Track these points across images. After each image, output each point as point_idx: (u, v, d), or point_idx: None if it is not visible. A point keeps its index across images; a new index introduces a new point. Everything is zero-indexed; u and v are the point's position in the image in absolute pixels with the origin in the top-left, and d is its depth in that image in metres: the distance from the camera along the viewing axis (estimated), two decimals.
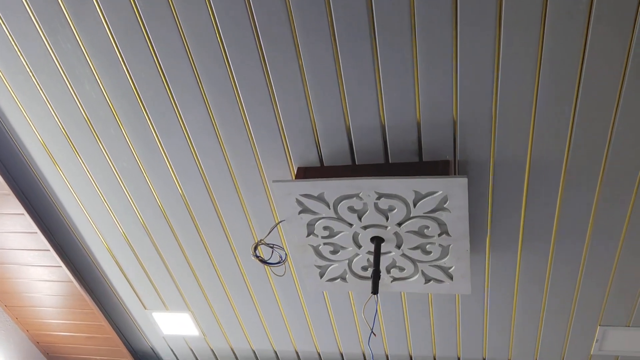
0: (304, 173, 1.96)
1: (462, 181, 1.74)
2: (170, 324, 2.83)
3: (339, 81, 1.73)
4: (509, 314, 2.40)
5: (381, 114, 1.79)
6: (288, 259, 2.33)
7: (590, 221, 1.99)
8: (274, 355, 2.92)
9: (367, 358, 2.80)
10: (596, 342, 2.44)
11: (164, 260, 2.48)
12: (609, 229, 2.00)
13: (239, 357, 2.98)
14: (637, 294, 2.21)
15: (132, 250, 2.47)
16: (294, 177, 2.01)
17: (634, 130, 1.72)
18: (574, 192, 1.91)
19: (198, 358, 3.05)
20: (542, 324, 2.42)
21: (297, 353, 2.88)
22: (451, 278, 2.06)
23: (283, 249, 2.17)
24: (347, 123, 1.84)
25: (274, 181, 1.84)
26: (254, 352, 2.93)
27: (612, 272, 2.14)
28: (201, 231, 2.32)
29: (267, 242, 1.97)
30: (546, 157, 1.82)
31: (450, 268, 2.03)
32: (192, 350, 3.01)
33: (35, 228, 2.40)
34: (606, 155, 1.79)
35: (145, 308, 2.78)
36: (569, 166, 1.84)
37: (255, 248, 1.89)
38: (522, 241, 2.10)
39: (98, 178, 2.20)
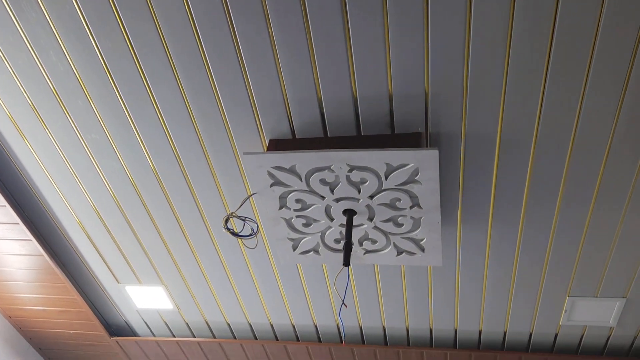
0: (276, 145, 1.94)
1: (433, 153, 1.75)
2: (144, 298, 2.82)
3: (310, 53, 1.71)
4: (480, 285, 2.43)
5: (353, 85, 1.78)
6: (261, 231, 2.33)
7: (560, 192, 2.01)
8: (248, 327, 2.93)
9: (339, 328, 2.83)
10: (565, 312, 2.49)
11: (135, 234, 2.46)
12: (578, 201, 2.03)
13: (214, 330, 2.99)
14: (606, 265, 2.26)
15: (103, 223, 2.44)
16: (265, 150, 1.99)
17: (603, 101, 1.73)
18: (544, 163, 1.92)
19: (173, 331, 3.05)
20: (512, 295, 2.46)
21: (271, 325, 2.89)
22: (423, 250, 2.08)
23: (255, 221, 2.16)
24: (319, 95, 1.82)
25: (244, 153, 1.82)
26: (229, 325, 2.94)
27: (581, 243, 2.18)
28: (173, 204, 2.30)
29: (239, 215, 1.96)
30: (517, 129, 1.83)
31: (421, 240, 2.05)
32: (166, 323, 3.01)
33: (4, 202, 2.36)
34: (576, 126, 1.81)
35: (118, 282, 2.77)
36: (539, 137, 1.85)
37: (227, 221, 1.88)
38: (492, 213, 2.12)
39: (67, 151, 2.16)
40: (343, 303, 1.85)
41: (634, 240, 2.14)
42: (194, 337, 3.04)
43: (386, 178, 1.84)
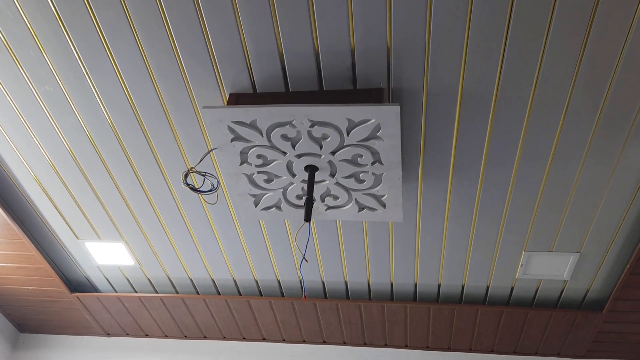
0: (236, 100, 1.91)
1: (395, 109, 1.74)
2: (104, 254, 2.79)
3: (271, 4, 1.66)
4: (440, 240, 2.48)
5: (315, 39, 1.75)
6: (222, 187, 2.31)
7: (518, 150, 2.04)
8: (211, 283, 2.94)
9: (301, 284, 2.86)
10: (521, 266, 2.56)
11: (94, 189, 2.41)
12: (535, 158, 2.06)
13: (176, 286, 2.99)
14: (561, 221, 2.31)
15: (60, 179, 2.38)
16: (225, 104, 1.95)
17: (561, 62, 1.74)
18: (503, 121, 1.94)
19: (135, 287, 3.04)
20: (471, 250, 2.51)
21: (234, 281, 2.90)
22: (384, 206, 2.10)
23: (215, 177, 2.13)
24: (280, 48, 1.78)
25: (204, 107, 1.78)
26: (192, 281, 2.94)
27: (538, 199, 2.23)
28: (131, 159, 2.25)
29: (199, 170, 1.93)
30: (477, 86, 1.83)
31: (383, 196, 2.06)
32: (128, 279, 2.99)
33: None
34: (535, 85, 1.82)
35: (77, 238, 2.72)
36: (499, 96, 1.86)
37: (186, 176, 1.85)
38: (453, 169, 2.14)
39: (20, 102, 2.08)
40: (304, 258, 1.86)
41: (588, 197, 2.19)
42: (156, 292, 3.04)
43: (348, 134, 1.83)
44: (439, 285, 2.76)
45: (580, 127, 1.94)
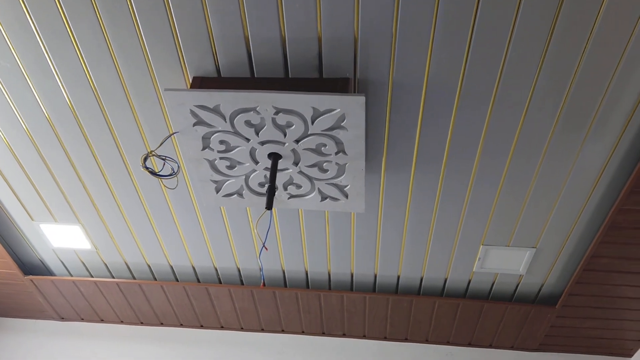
0: (200, 83, 1.87)
1: (360, 99, 1.73)
2: (60, 236, 2.72)
3: None
4: (400, 232, 2.49)
5: (282, 26, 1.72)
6: (183, 172, 2.27)
7: (480, 144, 2.06)
8: (169, 269, 2.90)
9: (260, 272, 2.85)
10: (478, 260, 2.60)
11: (49, 169, 2.34)
12: (496, 153, 2.09)
13: (133, 271, 2.93)
14: (519, 216, 2.35)
15: (15, 157, 2.31)
16: (188, 87, 1.92)
17: (524, 61, 1.77)
18: (467, 114, 1.96)
19: (90, 271, 2.97)
20: (430, 242, 2.54)
21: (193, 268, 2.87)
22: (346, 196, 2.09)
23: (176, 161, 2.09)
24: (246, 33, 1.75)
25: (166, 90, 1.75)
26: (149, 267, 2.89)
27: (497, 195, 2.26)
28: (90, 140, 2.19)
29: (159, 154, 1.89)
30: (442, 79, 1.84)
31: (346, 186, 2.06)
32: (84, 263, 2.92)
33: None
34: (498, 82, 1.84)
35: (32, 219, 2.65)
36: (463, 89, 1.87)
37: (146, 159, 1.81)
38: (416, 161, 2.15)
39: None
40: (264, 246, 1.84)
41: (545, 193, 2.24)
42: (113, 277, 2.98)
43: (312, 123, 1.81)
44: (399, 277, 2.78)
45: (540, 125, 1.97)
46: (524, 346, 3.12)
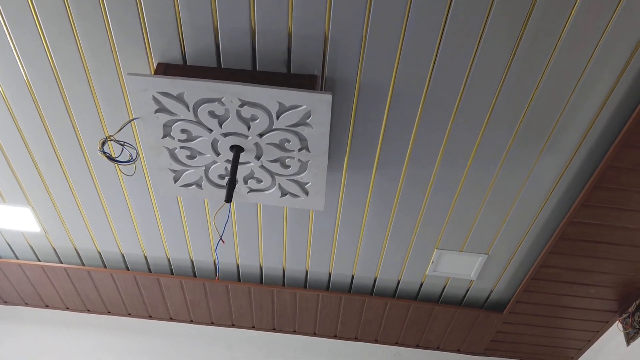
0: (164, 70, 1.83)
1: (327, 98, 1.73)
2: (8, 218, 2.62)
3: None
4: (358, 232, 2.50)
5: (252, 18, 1.70)
6: (141, 159, 2.22)
7: (441, 150, 2.09)
8: (121, 258, 2.83)
9: (215, 265, 2.81)
10: (432, 263, 2.64)
11: (2, 149, 2.26)
12: (455, 161, 2.12)
13: (83, 258, 2.86)
14: (473, 223, 2.40)
15: None
16: (152, 73, 1.88)
17: (488, 73, 1.80)
18: (429, 121, 1.98)
19: (38, 255, 2.88)
20: (386, 244, 2.56)
21: (145, 258, 2.82)
22: (307, 193, 2.09)
23: (135, 148, 2.05)
24: (216, 22, 1.73)
25: (129, 74, 1.70)
26: (100, 254, 2.82)
27: (454, 201, 2.29)
28: (45, 120, 2.12)
29: (117, 139, 1.85)
30: (408, 84, 1.86)
31: (306, 184, 2.05)
32: (31, 247, 2.83)
33: None
34: (462, 91, 1.87)
35: None
36: (428, 97, 1.89)
37: (103, 144, 1.77)
38: (377, 164, 2.16)
39: None
40: (221, 239, 1.82)
41: (500, 202, 2.28)
42: (61, 263, 2.90)
43: (277, 117, 1.80)
44: (353, 277, 2.80)
45: (500, 136, 2.01)
46: (470, 350, 3.19)
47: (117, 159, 1.83)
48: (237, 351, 3.15)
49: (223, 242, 1.88)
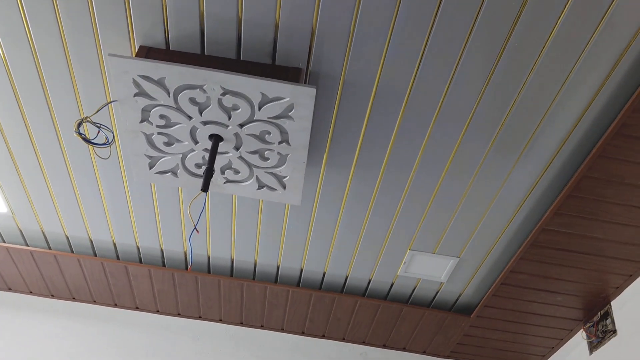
0: (146, 53, 1.79)
1: (311, 91, 1.72)
2: None
3: None
4: (332, 229, 2.49)
5: (240, 6, 1.68)
6: (117, 143, 2.18)
7: (420, 153, 2.09)
8: (89, 243, 2.77)
9: (187, 255, 2.78)
10: (404, 264, 2.64)
11: None
12: (433, 164, 2.13)
13: (50, 241, 2.79)
14: (447, 225, 2.41)
15: None
16: (134, 55, 1.84)
17: (471, 81, 1.82)
18: (411, 123, 1.98)
19: (3, 236, 2.80)
20: (360, 242, 2.55)
21: (114, 244, 2.76)
22: (284, 187, 2.07)
23: (111, 131, 2.00)
24: (202, 8, 1.70)
25: (110, 54, 1.66)
26: (67, 238, 2.76)
27: (429, 203, 2.30)
28: (19, 96, 2.05)
29: (94, 121, 1.81)
30: (392, 84, 1.85)
31: (285, 177, 2.04)
32: None
33: None
34: (444, 96, 1.87)
35: None
36: (410, 99, 1.89)
37: (80, 125, 1.72)
38: (356, 162, 2.16)
39: None
40: (195, 228, 1.79)
41: (474, 207, 2.30)
42: (27, 245, 2.82)
43: (259, 108, 1.78)
44: (324, 274, 2.79)
45: (478, 143, 2.03)
46: (436, 352, 3.21)
47: (93, 141, 1.79)
48: (203, 343, 3.12)
49: (197, 231, 1.85)
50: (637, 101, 1.76)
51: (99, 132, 1.87)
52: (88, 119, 1.78)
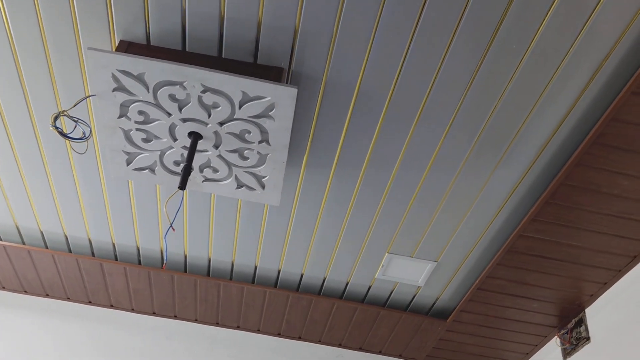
0: (126, 48, 1.77)
1: (292, 91, 1.71)
2: None
3: None
4: (311, 231, 2.48)
5: (222, 3, 1.66)
6: (94, 138, 2.14)
7: (400, 156, 2.09)
8: (64, 239, 2.73)
9: (163, 253, 2.75)
10: (382, 267, 2.64)
11: None
12: (413, 167, 2.13)
13: (24, 236, 2.74)
14: (426, 229, 2.41)
15: None
16: (113, 49, 1.81)
17: (453, 84, 1.82)
18: (391, 126, 1.98)
19: None
20: (339, 245, 2.55)
21: (90, 241, 2.72)
22: (263, 187, 2.06)
23: (89, 125, 1.97)
24: (184, 4, 1.68)
25: (89, 48, 1.64)
26: (42, 233, 2.71)
27: (409, 206, 2.30)
28: None
29: (71, 115, 1.78)
30: (375, 86, 1.85)
31: (264, 177, 2.02)
32: None
33: None
34: (426, 99, 1.88)
35: None
36: (392, 101, 1.89)
37: (56, 118, 1.69)
38: (337, 163, 2.15)
39: None
40: (171, 226, 1.77)
41: (454, 211, 2.31)
42: (0, 240, 2.77)
43: (240, 107, 1.77)
44: (302, 275, 2.78)
45: (458, 146, 2.03)
46: (412, 356, 3.21)
47: (69, 135, 1.76)
48: (178, 343, 3.09)
49: (173, 229, 1.83)
50: (615, 111, 1.78)
51: (75, 126, 1.84)
52: (65, 112, 1.75)
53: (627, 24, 1.62)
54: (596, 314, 2.56)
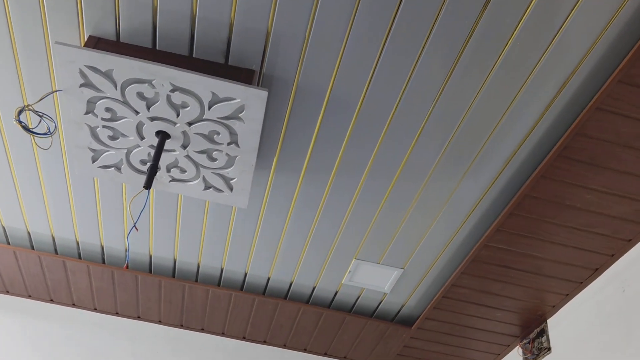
0: (95, 43, 1.74)
1: (263, 94, 1.70)
2: None
3: None
4: (279, 234, 2.48)
5: (194, 2, 1.65)
6: (60, 134, 2.10)
7: (370, 162, 2.10)
8: (26, 235, 2.67)
9: (126, 252, 2.71)
10: (349, 273, 2.64)
11: None
12: (382, 173, 2.14)
13: None
14: (393, 236, 2.42)
15: None
16: (82, 45, 1.78)
17: (423, 92, 1.83)
18: (362, 132, 1.99)
19: None
20: (306, 249, 2.54)
21: (53, 238, 2.67)
22: (231, 189, 2.05)
23: (54, 121, 1.94)
24: (155, 1, 1.66)
25: (56, 43, 1.61)
26: (4, 229, 2.65)
27: (377, 213, 2.31)
28: None
29: (36, 110, 1.74)
30: (345, 92, 1.86)
31: (232, 179, 2.01)
32: None
33: None
34: (397, 105, 1.88)
35: None
36: (363, 107, 1.90)
37: (20, 112, 1.66)
38: (306, 168, 2.15)
39: None
40: (134, 226, 1.75)
41: (421, 219, 2.32)
42: None
43: (209, 108, 1.75)
44: (269, 279, 2.76)
45: (427, 155, 2.05)
46: None
47: (34, 130, 1.73)
48: (141, 345, 3.04)
49: (136, 229, 1.80)
50: (580, 126, 1.81)
51: (40, 121, 1.80)
52: (30, 107, 1.72)
53: (594, 41, 1.66)
54: (558, 325, 2.60)
